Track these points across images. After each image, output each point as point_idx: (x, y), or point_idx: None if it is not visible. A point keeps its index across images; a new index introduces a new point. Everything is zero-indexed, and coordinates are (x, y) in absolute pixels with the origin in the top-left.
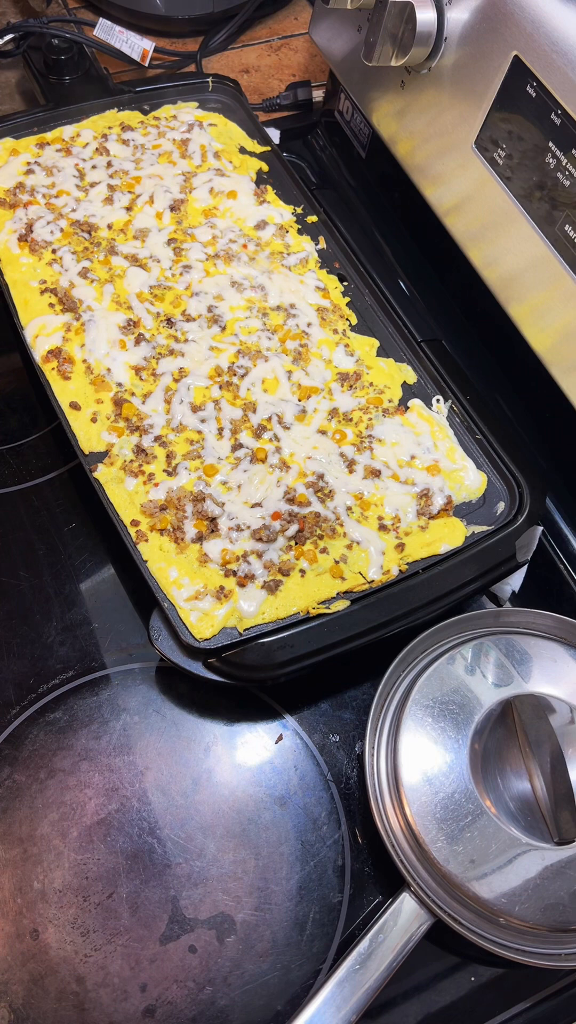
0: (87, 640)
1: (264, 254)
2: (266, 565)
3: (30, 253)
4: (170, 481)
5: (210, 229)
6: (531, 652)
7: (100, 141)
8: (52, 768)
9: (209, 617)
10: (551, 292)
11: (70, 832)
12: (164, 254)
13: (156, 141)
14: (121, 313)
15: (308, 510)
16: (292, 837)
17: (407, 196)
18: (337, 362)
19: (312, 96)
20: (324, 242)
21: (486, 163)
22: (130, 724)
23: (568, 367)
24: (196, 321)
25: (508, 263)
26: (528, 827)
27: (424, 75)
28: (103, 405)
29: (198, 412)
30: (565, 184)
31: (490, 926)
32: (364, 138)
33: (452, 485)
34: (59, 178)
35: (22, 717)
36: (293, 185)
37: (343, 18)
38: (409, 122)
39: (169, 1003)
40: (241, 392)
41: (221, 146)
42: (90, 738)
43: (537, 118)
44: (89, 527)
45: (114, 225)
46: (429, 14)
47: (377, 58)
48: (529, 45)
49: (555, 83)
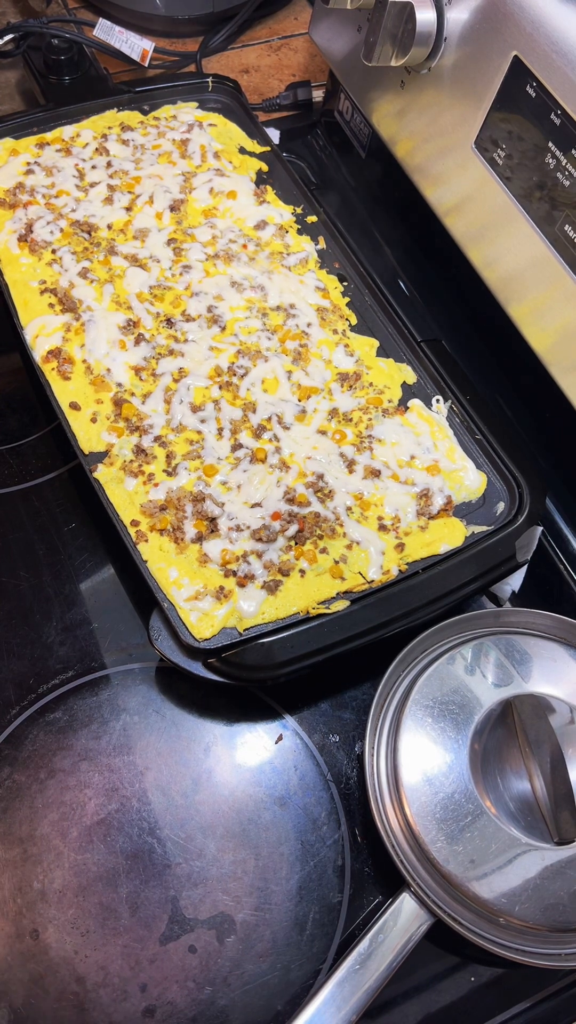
0: (87, 640)
1: (264, 254)
2: (266, 565)
3: (30, 253)
4: (170, 481)
5: (210, 229)
6: (531, 652)
7: (100, 141)
8: (52, 768)
9: (209, 617)
10: (551, 292)
11: (70, 832)
12: (164, 254)
13: (156, 141)
14: (121, 313)
15: (308, 510)
16: (292, 837)
17: (407, 196)
18: (337, 362)
19: (312, 96)
20: (324, 242)
21: (486, 163)
22: (130, 724)
23: (568, 367)
24: (196, 321)
25: (508, 263)
26: (528, 827)
27: (424, 75)
28: (103, 405)
29: (198, 412)
30: (565, 184)
31: (490, 926)
32: (364, 138)
33: (452, 485)
34: (59, 178)
35: (22, 717)
36: (293, 185)
37: (343, 18)
38: (409, 122)
39: (169, 1003)
40: (241, 392)
41: (221, 146)
42: (90, 738)
43: (537, 118)
44: (89, 527)
45: (114, 225)
46: (429, 14)
47: (377, 58)
48: (529, 45)
49: (555, 83)
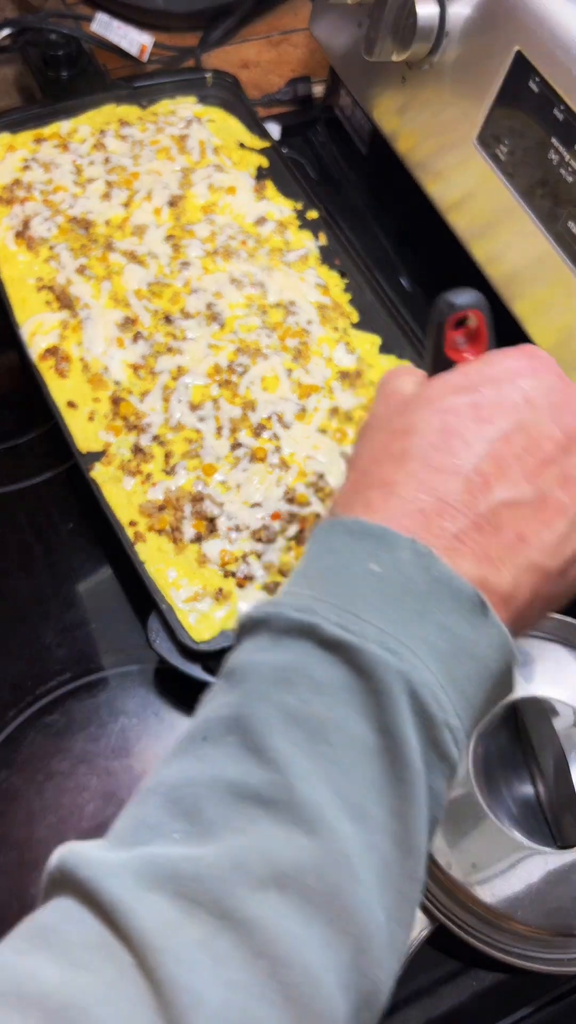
0: (84, 642)
1: (264, 251)
2: (265, 566)
3: (27, 250)
4: (168, 481)
5: (209, 225)
6: (534, 655)
7: (98, 137)
8: (49, 771)
9: (208, 619)
10: (554, 289)
11: (68, 835)
12: (162, 251)
13: (154, 137)
14: (119, 310)
15: (308, 510)
16: None
17: (408, 192)
18: (338, 360)
19: (312, 92)
20: (324, 238)
21: (488, 159)
22: (128, 726)
23: (572, 364)
24: (195, 318)
25: (511, 260)
26: (531, 831)
27: (425, 70)
28: (100, 403)
29: (197, 411)
30: (568, 180)
31: (492, 931)
32: (365, 134)
33: None
34: (56, 174)
35: (19, 719)
36: (293, 181)
37: (343, 13)
38: (410, 118)
39: None
40: (240, 390)
41: (220, 142)
42: (88, 740)
43: (540, 114)
44: (86, 527)
45: (112, 221)
46: (430, 9)
47: (378, 53)
48: (531, 40)
49: (558, 78)
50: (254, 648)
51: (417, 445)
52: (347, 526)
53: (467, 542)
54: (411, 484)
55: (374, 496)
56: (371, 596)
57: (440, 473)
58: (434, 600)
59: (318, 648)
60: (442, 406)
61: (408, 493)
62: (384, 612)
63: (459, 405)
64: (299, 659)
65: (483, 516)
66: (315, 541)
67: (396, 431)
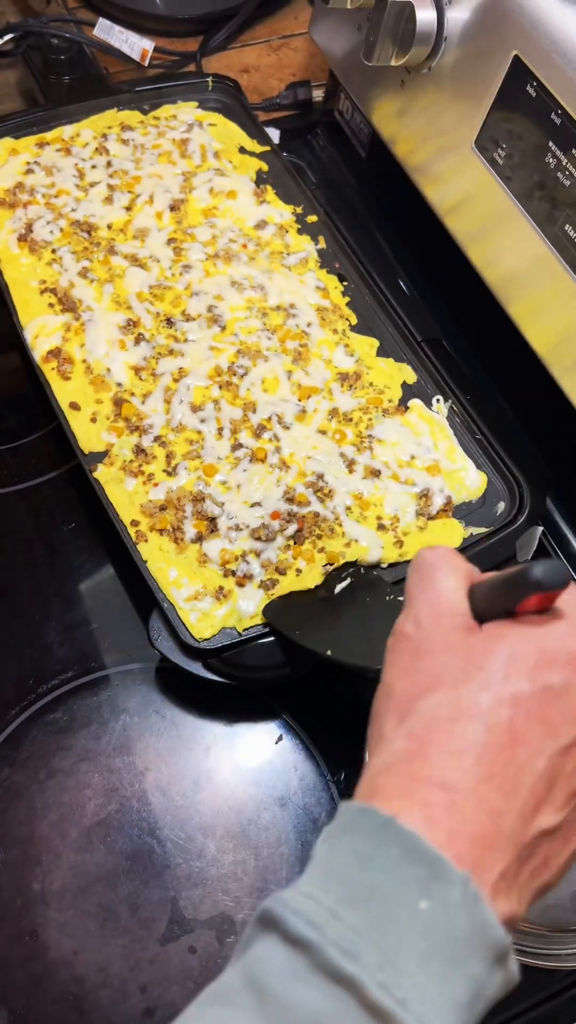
0: (86, 640)
1: (264, 254)
2: (263, 564)
3: (30, 253)
4: (170, 481)
5: (210, 229)
6: None
7: (100, 141)
8: (51, 769)
9: (209, 617)
10: (551, 292)
11: (69, 833)
12: (164, 254)
13: (156, 141)
14: (121, 313)
15: (307, 510)
16: (292, 837)
17: (407, 196)
18: (337, 362)
19: (312, 96)
20: (324, 242)
21: (486, 163)
22: (130, 724)
23: (568, 367)
24: (196, 321)
25: (508, 263)
26: None
27: (424, 75)
28: (103, 405)
29: (198, 412)
30: (565, 184)
31: None
32: (364, 138)
33: (452, 485)
34: (59, 178)
35: (21, 718)
36: (293, 185)
37: (343, 18)
38: (409, 122)
39: (169, 1004)
40: (241, 392)
41: (221, 146)
42: (89, 738)
43: (537, 118)
44: (88, 527)
45: (114, 225)
46: (429, 14)
47: (377, 58)
48: (529, 45)
49: (555, 83)
50: (292, 974)
51: (481, 738)
52: (403, 840)
53: (508, 877)
54: (474, 798)
55: (434, 800)
56: (416, 942)
57: (500, 791)
58: (469, 948)
59: (359, 1009)
60: (511, 693)
61: (469, 810)
62: (426, 965)
63: (527, 696)
64: (338, 1013)
65: (525, 848)
66: (361, 832)
67: (457, 690)
